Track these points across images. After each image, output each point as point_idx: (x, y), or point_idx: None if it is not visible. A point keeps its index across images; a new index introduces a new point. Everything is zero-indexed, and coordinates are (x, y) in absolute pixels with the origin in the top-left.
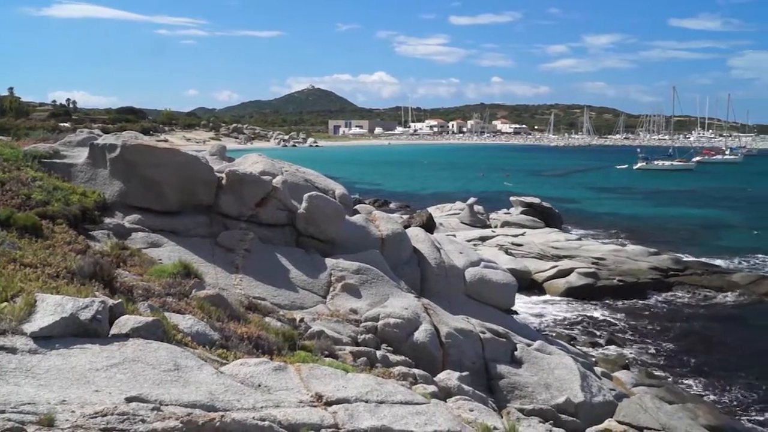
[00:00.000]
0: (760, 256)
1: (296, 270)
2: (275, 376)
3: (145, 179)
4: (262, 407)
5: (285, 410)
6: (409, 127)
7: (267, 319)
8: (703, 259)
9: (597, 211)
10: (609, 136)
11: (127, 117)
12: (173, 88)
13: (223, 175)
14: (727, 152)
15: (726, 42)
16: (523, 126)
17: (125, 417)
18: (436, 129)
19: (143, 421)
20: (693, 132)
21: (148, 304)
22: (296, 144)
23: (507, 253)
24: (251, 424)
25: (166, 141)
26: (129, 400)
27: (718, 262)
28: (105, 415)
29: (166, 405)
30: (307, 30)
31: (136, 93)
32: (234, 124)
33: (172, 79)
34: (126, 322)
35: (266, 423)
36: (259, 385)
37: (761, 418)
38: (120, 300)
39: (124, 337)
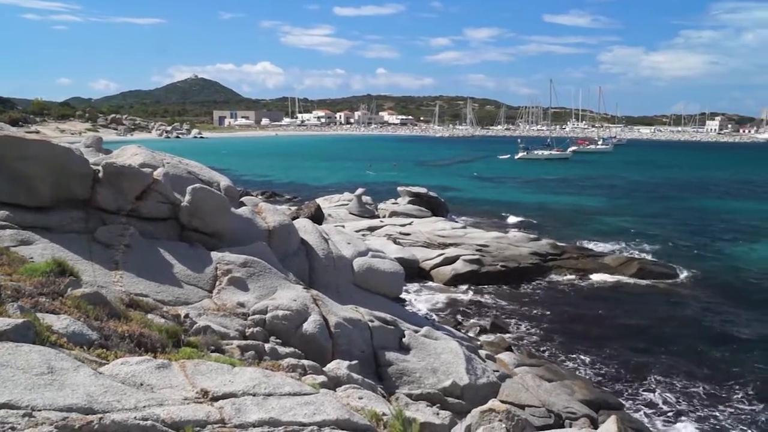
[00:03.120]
0: (628, 238)
1: (180, 265)
2: (158, 374)
3: (13, 173)
4: (144, 407)
5: (169, 408)
6: (297, 118)
7: (150, 316)
8: (578, 243)
9: (481, 199)
10: (491, 127)
11: None
12: (44, 76)
13: (100, 168)
14: (600, 142)
15: (595, 38)
16: (410, 117)
17: None
18: (323, 120)
19: (13, 428)
20: (568, 123)
21: (18, 305)
22: (180, 135)
23: (395, 242)
24: (133, 425)
25: (37, 132)
26: None
27: (592, 245)
28: None
29: (39, 410)
30: (189, 18)
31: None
32: (113, 115)
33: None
34: None
35: (149, 422)
36: (142, 384)
37: (630, 389)
38: None
39: None
